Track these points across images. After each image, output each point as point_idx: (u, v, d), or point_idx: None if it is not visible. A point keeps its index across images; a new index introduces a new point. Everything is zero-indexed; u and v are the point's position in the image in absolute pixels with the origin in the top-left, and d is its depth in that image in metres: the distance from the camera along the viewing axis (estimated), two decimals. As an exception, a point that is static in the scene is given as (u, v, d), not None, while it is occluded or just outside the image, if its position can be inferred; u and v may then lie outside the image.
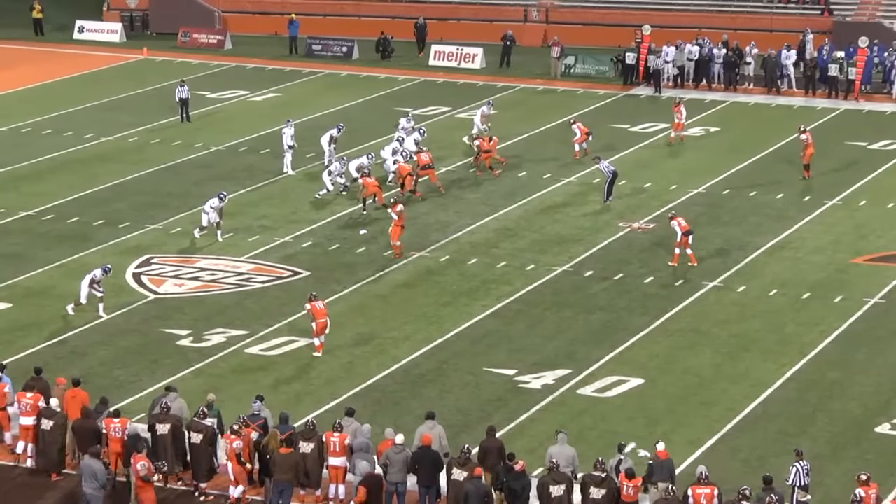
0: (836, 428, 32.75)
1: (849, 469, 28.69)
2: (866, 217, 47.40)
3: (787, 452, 31.22)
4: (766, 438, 32.33)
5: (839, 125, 57.61)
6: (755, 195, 49.75)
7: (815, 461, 29.35)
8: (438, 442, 29.15)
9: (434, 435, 29.23)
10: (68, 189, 50.57)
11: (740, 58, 65.08)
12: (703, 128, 58.60)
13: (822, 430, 32.65)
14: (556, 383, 35.09)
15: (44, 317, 39.26)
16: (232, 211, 47.96)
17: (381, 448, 29.29)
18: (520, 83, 66.98)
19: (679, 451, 30.28)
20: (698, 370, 36.10)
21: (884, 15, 71.00)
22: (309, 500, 29.64)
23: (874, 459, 30.27)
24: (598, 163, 49.10)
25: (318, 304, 36.44)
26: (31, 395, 30.98)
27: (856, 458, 29.46)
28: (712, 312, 39.79)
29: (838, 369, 36.01)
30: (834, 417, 33.37)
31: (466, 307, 39.79)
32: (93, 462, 28.60)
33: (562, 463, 28.21)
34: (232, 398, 32.83)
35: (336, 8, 77.36)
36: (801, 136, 51.38)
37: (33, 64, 71.41)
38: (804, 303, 40.38)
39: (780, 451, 31.53)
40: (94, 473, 28.40)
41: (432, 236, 45.35)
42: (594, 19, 73.81)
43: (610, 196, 48.47)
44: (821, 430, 32.65)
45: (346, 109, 61.03)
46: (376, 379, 35.40)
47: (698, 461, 30.13)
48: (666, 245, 44.48)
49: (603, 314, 39.59)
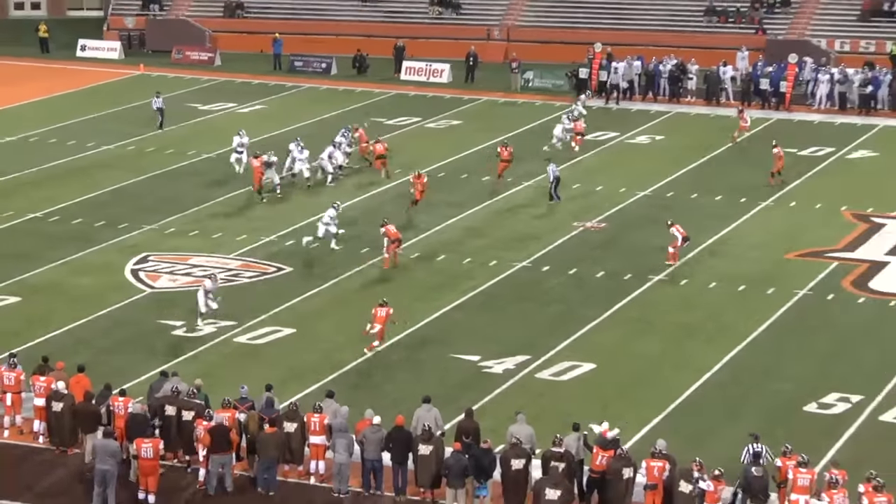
0: (768, 408, 32.94)
1: (780, 444, 28.78)
2: (796, 217, 47.61)
3: (724, 430, 31.51)
4: (706, 417, 32.51)
5: (771, 134, 57.75)
6: (696, 197, 49.92)
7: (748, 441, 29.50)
8: (435, 423, 29.22)
9: (430, 417, 29.30)
10: (72, 193, 50.44)
11: (683, 73, 65.28)
12: (650, 136, 58.76)
13: (756, 410, 32.80)
14: (517, 368, 35.20)
15: (50, 310, 39.18)
16: (222, 213, 48.04)
17: (358, 427, 29.36)
18: (483, 96, 67.04)
19: (628, 429, 30.41)
20: (645, 356, 36.24)
21: (812, 34, 71.29)
22: (292, 474, 29.70)
23: (802, 436, 30.44)
24: (548, 165, 49.28)
25: (381, 311, 35.79)
26: (43, 378, 31.15)
27: (786, 435, 29.59)
28: (658, 304, 39.94)
29: (771, 355, 36.21)
30: (766, 398, 33.56)
31: (436, 300, 39.85)
32: (108, 442, 28.65)
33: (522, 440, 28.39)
34: (221, 383, 32.74)
35: (316, 28, 77.30)
36: (774, 149, 51.48)
37: (40, 79, 71.16)
38: (741, 294, 40.55)
39: (718, 428, 31.74)
40: (111, 452, 28.43)
41: (405, 235, 45.29)
42: (550, 38, 73.88)
43: (556, 197, 48.51)
44: (755, 410, 32.80)
45: (325, 120, 60.97)
46: (354, 364, 35.46)
47: (645, 439, 30.32)
48: (617, 242, 44.67)
49: (559, 305, 39.72)
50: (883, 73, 63.66)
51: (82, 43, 77.87)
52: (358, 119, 58.68)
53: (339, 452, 29.03)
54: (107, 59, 76.42)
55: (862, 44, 70.17)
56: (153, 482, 28.53)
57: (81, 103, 65.50)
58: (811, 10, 73.08)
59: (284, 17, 78.40)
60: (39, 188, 51.32)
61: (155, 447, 28.48)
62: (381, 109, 63.92)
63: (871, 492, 26.39)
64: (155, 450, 28.46)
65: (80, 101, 66.27)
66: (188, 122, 61.17)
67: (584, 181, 51.46)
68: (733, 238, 45.44)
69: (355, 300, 40.04)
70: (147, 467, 28.51)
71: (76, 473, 29.75)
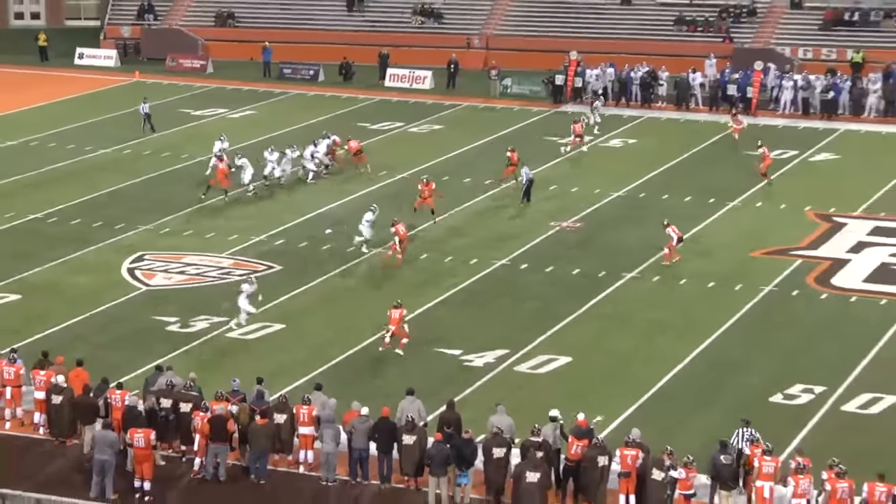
0: (736, 399, 32.98)
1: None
2: (762, 217, 47.69)
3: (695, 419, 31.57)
4: (677, 408, 32.56)
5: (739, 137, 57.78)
6: (667, 198, 49.96)
7: (720, 427, 29.57)
8: (418, 414, 29.22)
9: (414, 408, 29.32)
10: (70, 195, 50.28)
11: (654, 79, 65.37)
12: (623, 140, 58.81)
13: (725, 401, 32.86)
14: (496, 362, 35.20)
15: (49, 307, 39.06)
16: (215, 213, 47.94)
17: (346, 418, 29.34)
18: (463, 101, 67.02)
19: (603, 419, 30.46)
20: (619, 350, 36.28)
21: (776, 42, 71.43)
22: (282, 464, 29.68)
23: (768, 425, 30.50)
24: (521, 167, 49.32)
25: (395, 312, 35.44)
26: (43, 372, 31.15)
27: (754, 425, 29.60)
28: (631, 300, 39.98)
29: (738, 349, 36.26)
30: (734, 390, 33.61)
31: (420, 297, 39.82)
32: (107, 433, 28.65)
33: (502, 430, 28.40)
34: (213, 376, 32.71)
35: (304, 36, 77.17)
36: (759, 150, 51.61)
37: (39, 86, 70.95)
38: (710, 291, 40.61)
39: (689, 418, 31.79)
40: (109, 442, 28.45)
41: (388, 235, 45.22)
42: (527, 46, 73.89)
43: (527, 198, 48.50)
44: (723, 401, 32.86)
45: (312, 125, 60.81)
46: (342, 358, 35.43)
47: (619, 429, 30.35)
48: (591, 241, 44.73)
49: (536, 302, 39.72)
50: (843, 80, 63.82)
51: (80, 51, 77.66)
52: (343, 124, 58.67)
53: (327, 442, 29.03)
54: (104, 66, 76.18)
55: (824, 52, 70.30)
56: (147, 469, 28.52)
57: (79, 109, 65.31)
58: (775, 19, 73.24)
59: (273, 27, 78.25)
60: (39, 190, 51.16)
61: (146, 436, 28.46)
62: (367, 115, 63.88)
63: (833, 478, 26.47)
64: (146, 439, 28.44)
65: (79, 106, 66.07)
66: (182, 126, 61.04)
67: (560, 183, 51.49)
68: (702, 237, 45.49)
69: (342, 297, 40.05)
70: (140, 455, 28.52)
71: (75, 463, 29.71)
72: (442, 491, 28.06)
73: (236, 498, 28.49)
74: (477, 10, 77.76)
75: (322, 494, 28.66)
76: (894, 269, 42.31)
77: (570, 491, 28.24)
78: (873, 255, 43.50)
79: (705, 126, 59.25)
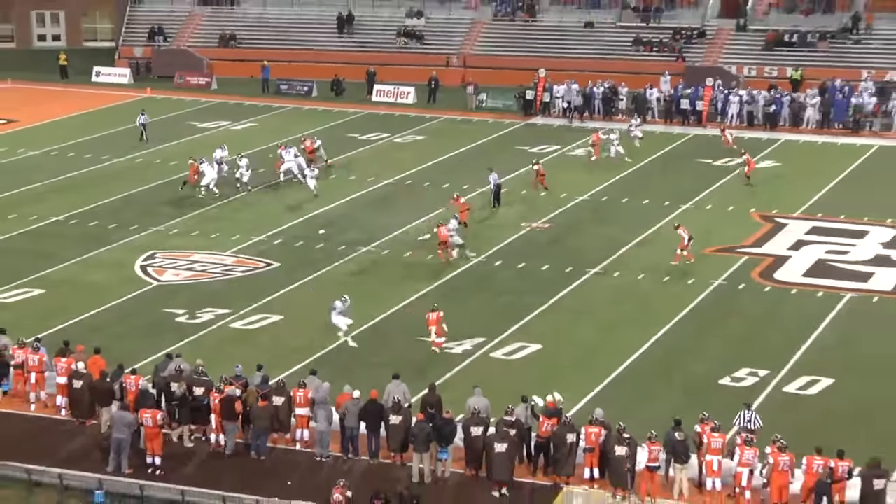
0: (689, 382, 33.06)
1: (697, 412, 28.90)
2: (712, 218, 47.76)
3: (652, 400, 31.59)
4: (636, 390, 32.60)
5: (691, 146, 57.92)
6: (627, 201, 50.01)
7: (673, 409, 29.62)
8: (403, 396, 29.20)
9: (399, 391, 29.32)
10: (88, 200, 50.12)
11: (615, 94, 65.39)
12: (587, 149, 58.78)
13: (679, 384, 32.94)
14: (474, 349, 35.19)
15: (69, 300, 38.94)
16: (219, 216, 47.82)
17: (339, 400, 29.30)
18: (443, 115, 66.95)
19: (568, 401, 30.45)
20: (584, 338, 36.31)
21: (724, 61, 71.55)
22: (280, 441, 29.63)
23: (718, 405, 30.57)
24: (489, 174, 49.25)
25: (433, 315, 35.06)
26: (64, 359, 31.08)
27: (704, 405, 29.70)
28: (594, 293, 40.01)
29: (691, 337, 36.34)
30: (687, 374, 33.67)
31: (404, 291, 39.77)
32: (124, 413, 28.62)
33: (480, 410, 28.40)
34: (218, 363, 32.62)
35: (299, 56, 77.04)
36: (743, 156, 52.06)
37: (60, 101, 70.69)
38: (665, 285, 40.66)
39: (647, 399, 31.81)
40: (127, 423, 28.43)
41: (376, 234, 45.34)
42: (501, 64, 73.86)
43: (497, 202, 48.41)
44: (678, 384, 32.94)
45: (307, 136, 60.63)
46: (334, 346, 35.36)
47: (583, 409, 30.36)
48: (559, 240, 44.73)
49: (510, 295, 39.70)
50: (784, 95, 63.96)
51: (97, 70, 77.39)
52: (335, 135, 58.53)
53: (321, 422, 29.02)
54: (118, 83, 75.93)
55: (766, 69, 70.41)
56: (157, 446, 28.53)
57: (96, 122, 65.06)
58: (723, 40, 73.37)
59: (271, 47, 78.09)
60: (60, 195, 50.95)
61: (153, 416, 28.47)
62: (356, 126, 63.78)
63: (776, 452, 26.59)
64: (153, 419, 28.44)
65: (95, 120, 65.82)
66: (189, 137, 60.84)
67: (530, 187, 51.45)
68: (659, 236, 45.51)
69: (335, 291, 39.91)
70: (150, 433, 28.52)
71: (94, 441, 29.62)
72: (424, 465, 28.06)
73: (239, 472, 28.42)
74: (455, 32, 77.74)
75: (317, 469, 28.63)
76: (830, 264, 42.43)
77: (541, 465, 28.28)
78: (811, 252, 43.60)
79: (661, 136, 59.19)
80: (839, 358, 34.64)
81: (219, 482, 27.63)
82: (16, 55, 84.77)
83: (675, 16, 75.33)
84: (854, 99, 62.91)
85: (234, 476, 28.15)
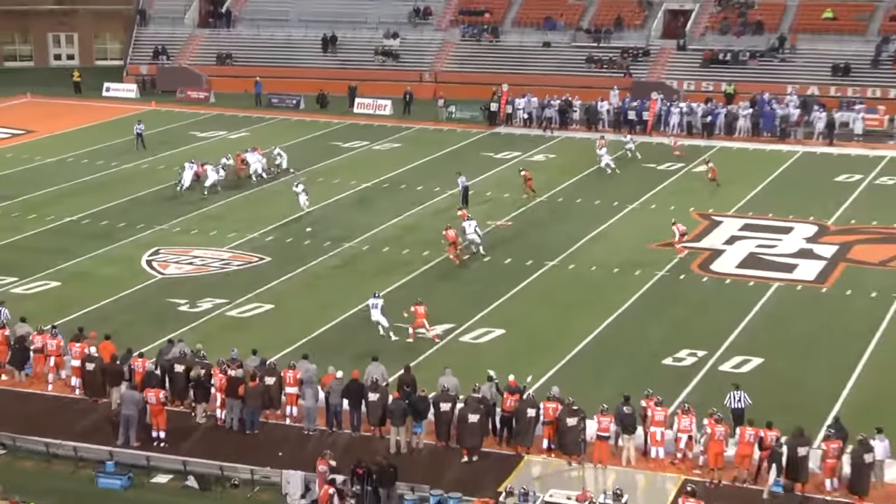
0: (636, 362, 33.16)
1: (643, 389, 29.06)
2: (656, 216, 47.80)
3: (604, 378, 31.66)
4: (590, 369, 32.68)
5: (637, 153, 57.96)
6: (581, 202, 50.08)
7: (621, 386, 29.67)
8: (381, 376, 29.16)
9: (378, 372, 29.27)
10: (100, 201, 49.84)
11: (569, 106, 65.44)
12: (545, 155, 58.88)
13: (627, 364, 33.01)
14: (444, 333, 35.18)
15: (83, 292, 38.74)
16: (216, 215, 47.65)
17: (324, 380, 29.28)
18: (416, 125, 66.85)
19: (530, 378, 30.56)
20: (542, 324, 36.33)
21: (666, 77, 71.76)
22: (272, 417, 29.58)
23: (661, 383, 30.70)
24: (458, 177, 49.22)
25: (420, 308, 34.70)
26: (78, 344, 31.02)
27: (649, 382, 29.82)
28: (552, 283, 40.05)
29: (638, 322, 36.41)
30: (635, 354, 33.75)
31: (382, 282, 39.70)
32: (133, 392, 28.55)
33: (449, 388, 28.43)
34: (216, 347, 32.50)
35: (288, 72, 76.77)
36: (708, 165, 52.17)
37: (74, 114, 70.21)
38: (614, 275, 40.75)
39: (599, 377, 31.88)
40: (135, 400, 28.37)
41: (357, 232, 45.27)
42: (468, 80, 73.73)
43: (465, 203, 48.36)
44: (626, 363, 33.01)
45: (295, 144, 60.61)
46: (320, 332, 35.32)
47: (543, 386, 30.41)
48: (521, 236, 44.75)
49: (477, 285, 39.73)
50: (719, 107, 64.20)
51: (107, 85, 76.90)
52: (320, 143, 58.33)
53: (308, 399, 29.01)
54: (126, 97, 75.46)
55: (703, 84, 70.62)
56: (162, 421, 28.46)
57: (107, 132, 64.63)
58: (665, 58, 73.59)
59: (263, 65, 77.81)
60: (74, 198, 50.66)
61: (156, 395, 28.43)
62: (339, 136, 63.63)
63: (713, 423, 26.72)
64: (156, 397, 28.41)
65: (106, 130, 65.39)
66: (190, 145, 60.54)
67: (494, 189, 51.48)
68: (609, 232, 45.64)
69: (321, 282, 39.95)
70: (154, 410, 28.44)
71: (106, 417, 29.52)
72: (401, 438, 28.07)
73: (235, 444, 28.36)
74: (427, 51, 77.68)
75: (304, 441, 28.60)
76: (760, 257, 42.62)
77: (504, 437, 28.32)
78: (743, 247, 43.79)
79: (611, 144, 59.21)
80: (768, 340, 34.80)
81: (217, 453, 27.58)
82: (34, 73, 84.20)
83: (623, 37, 75.44)
84: (780, 110, 63.21)
85: (230, 448, 28.08)
